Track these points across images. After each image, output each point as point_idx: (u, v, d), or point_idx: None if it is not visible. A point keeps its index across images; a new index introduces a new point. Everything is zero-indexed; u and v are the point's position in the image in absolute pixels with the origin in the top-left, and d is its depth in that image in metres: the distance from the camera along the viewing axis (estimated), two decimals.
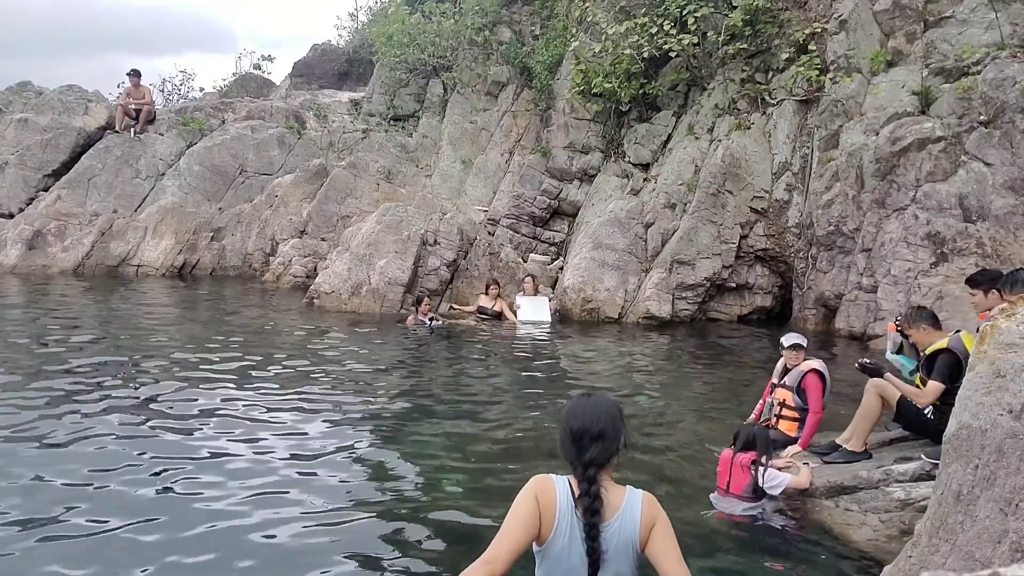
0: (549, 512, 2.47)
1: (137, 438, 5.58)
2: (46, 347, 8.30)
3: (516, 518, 2.45)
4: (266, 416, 6.28)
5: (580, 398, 2.69)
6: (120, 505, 4.46)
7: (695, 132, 13.43)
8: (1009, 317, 2.95)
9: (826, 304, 11.08)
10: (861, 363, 5.11)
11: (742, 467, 4.86)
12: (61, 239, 14.34)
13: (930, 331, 5.04)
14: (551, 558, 2.50)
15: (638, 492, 2.58)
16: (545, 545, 2.50)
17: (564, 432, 2.58)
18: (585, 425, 2.53)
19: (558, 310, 12.07)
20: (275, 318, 11.06)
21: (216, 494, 4.67)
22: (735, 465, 4.88)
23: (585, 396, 2.70)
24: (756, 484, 4.78)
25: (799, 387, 5.57)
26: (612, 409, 2.61)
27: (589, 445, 2.51)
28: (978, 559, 2.69)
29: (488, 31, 16.92)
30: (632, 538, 2.49)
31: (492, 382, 8.05)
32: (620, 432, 2.57)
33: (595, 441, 2.51)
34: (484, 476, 5.23)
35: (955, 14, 10.32)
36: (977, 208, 9.21)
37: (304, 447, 5.62)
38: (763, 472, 4.80)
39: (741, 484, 4.84)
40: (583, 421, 2.55)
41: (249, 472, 5.07)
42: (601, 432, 2.52)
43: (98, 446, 5.37)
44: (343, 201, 14.97)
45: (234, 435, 5.77)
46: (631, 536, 2.49)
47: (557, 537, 2.47)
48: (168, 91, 22.37)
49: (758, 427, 5.11)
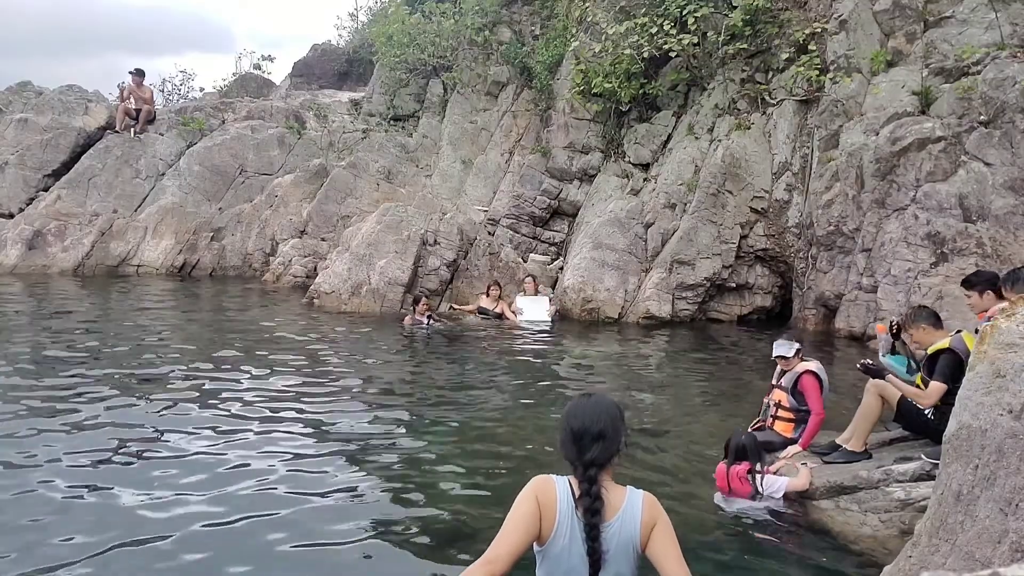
0: (549, 512, 2.47)
1: (136, 438, 5.57)
2: (44, 347, 8.30)
3: (517, 518, 2.45)
4: (264, 416, 6.28)
5: (581, 398, 2.68)
6: (115, 504, 4.46)
7: (695, 132, 13.43)
8: (1009, 317, 2.95)
9: (826, 304, 11.07)
10: (863, 364, 5.10)
11: (740, 479, 4.88)
12: (61, 239, 14.34)
13: (931, 331, 5.03)
14: (551, 558, 2.50)
15: (639, 492, 2.57)
16: (546, 545, 2.50)
17: (564, 432, 2.58)
18: (585, 425, 2.53)
19: (558, 310, 12.07)
20: (275, 318, 11.06)
21: (213, 494, 4.67)
22: (732, 477, 4.90)
23: (585, 396, 2.69)
24: (756, 492, 4.81)
25: (794, 388, 5.57)
26: (612, 409, 2.61)
27: (590, 445, 2.50)
28: (978, 559, 2.69)
29: (488, 31, 16.92)
30: (632, 538, 2.49)
31: (492, 382, 8.04)
32: (620, 432, 2.57)
33: (596, 441, 2.51)
34: (484, 475, 5.23)
35: (955, 14, 10.31)
36: (977, 208, 9.21)
37: (302, 447, 5.62)
38: (760, 479, 4.83)
39: (742, 495, 4.87)
40: (583, 421, 2.54)
41: (247, 472, 5.07)
42: (601, 432, 2.52)
43: (97, 445, 5.37)
44: (343, 201, 14.97)
45: (231, 435, 5.77)
46: (632, 536, 2.49)
47: (558, 537, 2.47)
48: (168, 91, 22.42)
49: (746, 435, 5.10)
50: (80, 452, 5.23)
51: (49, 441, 5.39)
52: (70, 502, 4.46)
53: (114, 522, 4.23)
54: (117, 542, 4.00)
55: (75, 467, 4.97)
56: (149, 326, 9.81)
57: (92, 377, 7.11)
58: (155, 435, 5.67)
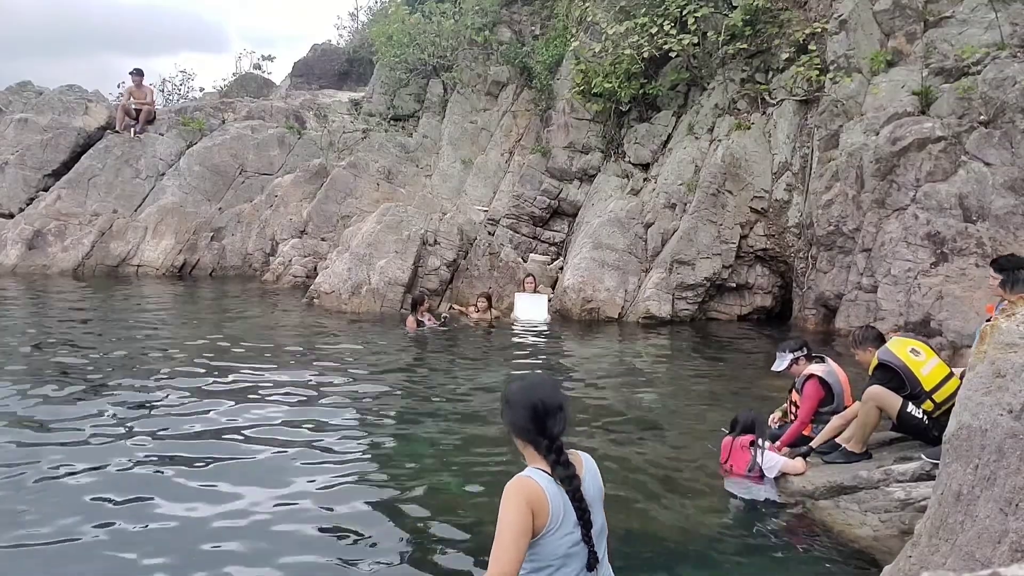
0: (543, 509, 2.53)
1: (134, 439, 5.57)
2: (41, 348, 8.30)
3: (517, 532, 2.48)
4: (264, 415, 6.28)
5: (527, 379, 2.85)
6: (114, 503, 4.46)
7: (695, 132, 13.43)
8: (1009, 317, 2.95)
9: (826, 304, 11.08)
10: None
11: (741, 448, 5.17)
12: (61, 239, 14.34)
13: (873, 351, 5.06)
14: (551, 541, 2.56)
15: (584, 453, 2.80)
16: (542, 534, 2.56)
17: (526, 411, 2.66)
18: (550, 401, 2.66)
19: (558, 310, 12.06)
20: (275, 318, 11.06)
21: (211, 494, 4.67)
22: (735, 447, 5.21)
23: (524, 378, 2.87)
24: (755, 463, 5.06)
25: (802, 391, 5.56)
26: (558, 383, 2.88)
27: (556, 418, 2.65)
28: (978, 559, 2.69)
29: (488, 31, 16.92)
30: (599, 487, 2.75)
31: (491, 382, 8.04)
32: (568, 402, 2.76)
33: (559, 413, 2.66)
34: (483, 475, 5.23)
35: (955, 14, 10.31)
36: (977, 208, 9.21)
37: (302, 447, 5.62)
38: (760, 454, 5.09)
39: (742, 464, 5.14)
40: (544, 398, 2.66)
41: (246, 472, 5.07)
42: (561, 404, 2.68)
43: (95, 447, 5.37)
44: (343, 201, 14.97)
45: (230, 435, 5.77)
46: (599, 486, 2.75)
47: (554, 523, 2.55)
48: (168, 91, 22.41)
49: (756, 413, 5.42)
50: (78, 451, 5.23)
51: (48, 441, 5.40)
52: (69, 500, 4.45)
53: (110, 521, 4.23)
54: (113, 540, 4.00)
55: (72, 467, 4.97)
56: (148, 326, 9.80)
57: (90, 377, 7.11)
58: (151, 435, 5.66)
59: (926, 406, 4.69)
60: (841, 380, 5.47)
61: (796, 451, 5.26)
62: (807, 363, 5.58)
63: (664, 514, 4.72)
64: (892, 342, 5.01)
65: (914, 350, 4.84)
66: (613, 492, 5.00)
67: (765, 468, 5.04)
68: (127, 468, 5.01)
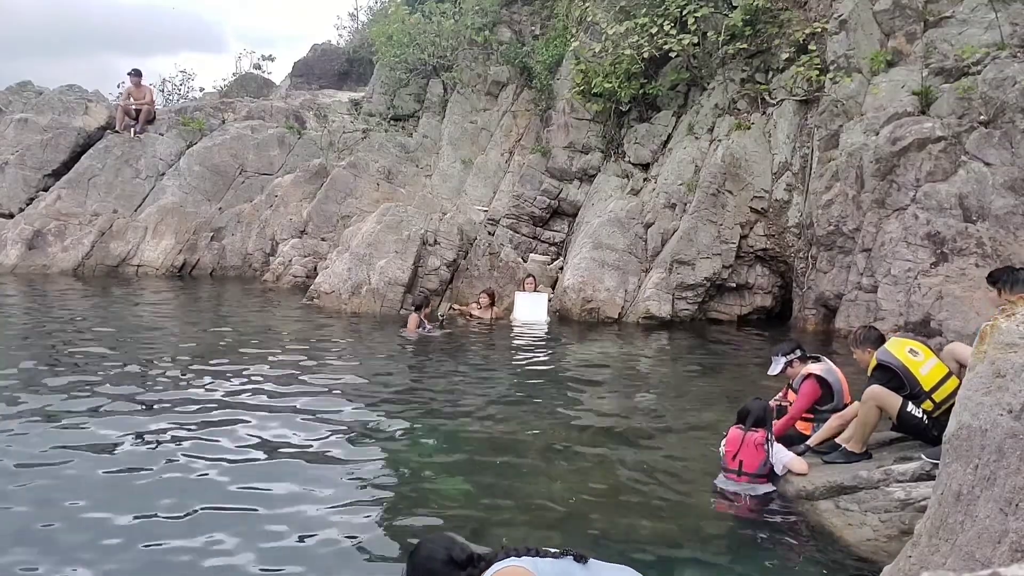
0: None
1: (133, 439, 5.57)
2: (41, 348, 8.30)
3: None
4: (263, 416, 6.27)
5: (422, 547, 2.92)
6: (115, 503, 4.46)
7: (695, 132, 13.43)
8: (1009, 317, 2.95)
9: (826, 304, 11.08)
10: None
11: (756, 445, 4.86)
12: (61, 239, 14.34)
13: (873, 352, 5.06)
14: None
15: None
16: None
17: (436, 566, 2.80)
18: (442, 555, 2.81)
19: (558, 310, 12.06)
20: (275, 318, 11.06)
21: (208, 495, 4.67)
22: (747, 444, 4.88)
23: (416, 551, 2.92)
24: (768, 462, 4.83)
25: (799, 390, 5.57)
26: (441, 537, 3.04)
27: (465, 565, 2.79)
28: (978, 559, 2.69)
29: (488, 31, 16.92)
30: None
31: (491, 381, 8.04)
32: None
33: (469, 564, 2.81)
34: (483, 475, 5.22)
35: (955, 14, 10.31)
36: (977, 208, 9.21)
37: (302, 447, 5.62)
38: (771, 448, 4.88)
39: (755, 463, 4.87)
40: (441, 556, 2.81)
41: (245, 472, 5.07)
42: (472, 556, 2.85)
43: (94, 446, 5.37)
44: (343, 201, 14.97)
45: (230, 435, 5.76)
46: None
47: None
48: (168, 91, 22.42)
49: (765, 403, 5.16)
50: (77, 451, 5.23)
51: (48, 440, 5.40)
52: (69, 500, 4.46)
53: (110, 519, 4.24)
54: (112, 540, 4.01)
55: (72, 466, 4.97)
56: (148, 325, 9.80)
57: (89, 377, 7.10)
58: (150, 435, 5.66)
59: (926, 406, 4.69)
60: (840, 378, 5.50)
61: (793, 449, 5.25)
62: (802, 364, 5.59)
63: (664, 514, 4.72)
64: (890, 342, 5.02)
65: (912, 350, 4.85)
66: (613, 493, 5.01)
67: (775, 462, 4.89)
68: (126, 468, 5.01)
